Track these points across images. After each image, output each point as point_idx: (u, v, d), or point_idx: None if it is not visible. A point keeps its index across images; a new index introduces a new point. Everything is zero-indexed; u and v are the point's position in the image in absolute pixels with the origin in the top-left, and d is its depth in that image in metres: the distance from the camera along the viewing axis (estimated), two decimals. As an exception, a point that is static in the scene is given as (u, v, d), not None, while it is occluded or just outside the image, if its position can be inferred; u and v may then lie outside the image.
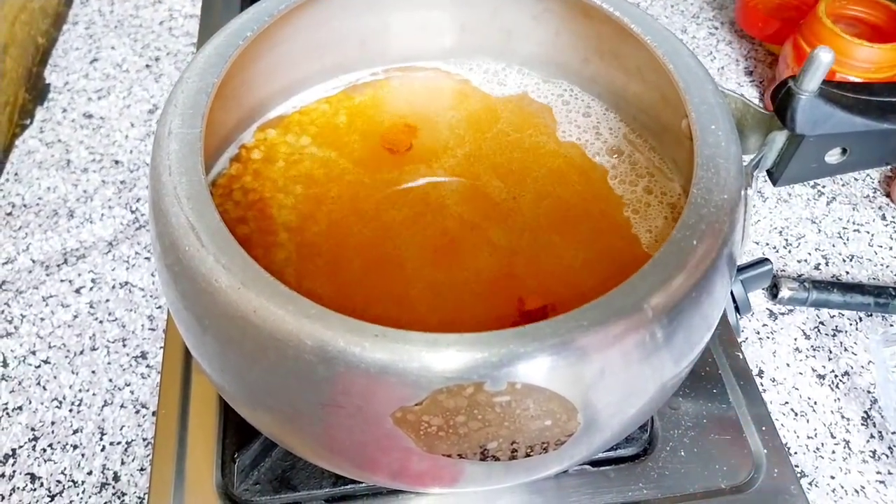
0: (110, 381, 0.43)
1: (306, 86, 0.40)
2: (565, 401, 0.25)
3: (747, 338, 0.47)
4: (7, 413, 0.42)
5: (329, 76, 0.41)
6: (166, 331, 0.42)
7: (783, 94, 0.31)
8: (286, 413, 0.26)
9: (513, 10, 0.39)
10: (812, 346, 0.46)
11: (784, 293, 0.47)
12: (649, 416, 0.37)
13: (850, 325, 0.48)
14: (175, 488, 0.36)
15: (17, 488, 0.39)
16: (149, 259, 0.49)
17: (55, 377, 0.44)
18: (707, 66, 0.63)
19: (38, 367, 0.44)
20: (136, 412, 0.42)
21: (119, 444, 0.41)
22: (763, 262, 0.41)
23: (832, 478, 0.41)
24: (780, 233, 0.52)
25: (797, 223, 0.53)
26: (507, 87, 0.41)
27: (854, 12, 0.57)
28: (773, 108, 0.32)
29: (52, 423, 0.42)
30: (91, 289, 0.48)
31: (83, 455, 0.41)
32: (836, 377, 0.45)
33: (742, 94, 0.33)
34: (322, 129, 0.39)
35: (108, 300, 0.47)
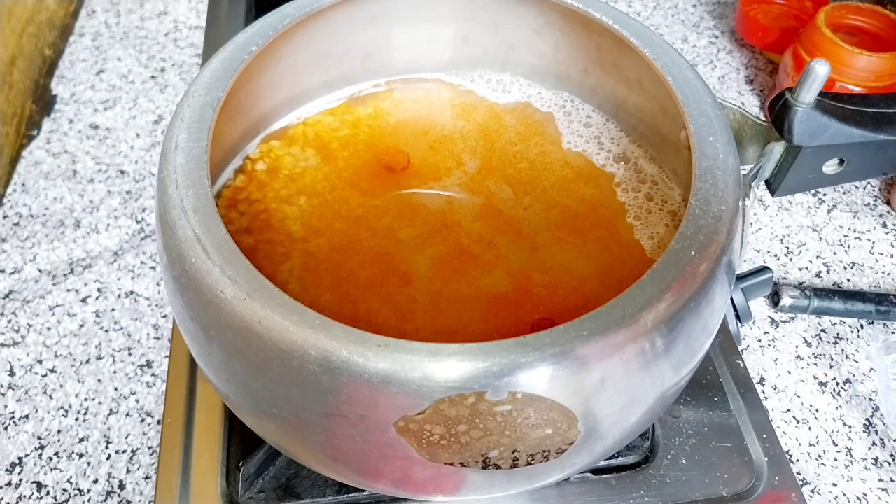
0: (116, 389, 0.44)
1: (310, 98, 0.40)
2: (566, 410, 0.25)
3: (749, 346, 0.47)
4: (14, 422, 0.42)
5: (333, 88, 0.41)
6: (172, 340, 0.42)
7: (780, 106, 0.31)
8: (290, 422, 0.27)
9: (514, 23, 0.40)
10: (813, 354, 0.47)
11: (785, 301, 0.47)
12: (650, 424, 0.37)
13: (852, 332, 0.48)
14: (180, 497, 0.36)
15: (24, 497, 0.40)
16: (154, 269, 0.50)
17: (61, 386, 0.44)
18: (708, 74, 0.63)
19: (45, 375, 0.44)
20: (142, 421, 0.42)
21: (124, 452, 0.41)
22: (764, 269, 0.41)
23: (834, 485, 0.41)
24: (781, 241, 0.53)
25: (798, 231, 0.53)
26: (512, 94, 0.42)
27: (853, 21, 0.58)
28: (771, 119, 0.32)
29: (59, 431, 0.42)
30: (97, 298, 0.48)
31: (89, 463, 0.41)
32: (837, 385, 0.45)
33: (742, 103, 0.34)
34: (326, 140, 0.39)
35: (113, 309, 0.47)
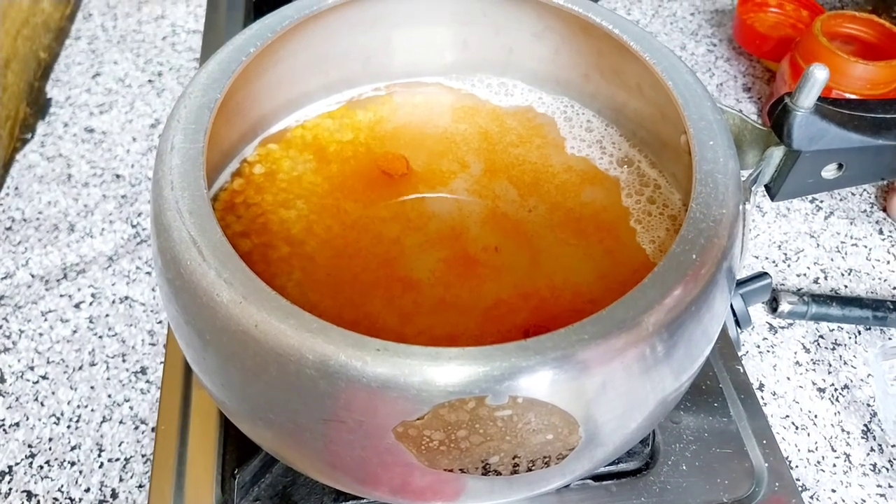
0: (109, 396, 0.43)
1: (309, 101, 0.40)
2: (567, 415, 0.25)
3: (747, 351, 0.47)
4: (4, 429, 0.42)
5: (332, 91, 0.41)
6: (166, 346, 0.42)
7: (780, 111, 0.31)
8: (287, 428, 0.26)
9: (514, 28, 0.40)
10: (812, 360, 0.46)
11: (784, 307, 0.47)
12: (651, 429, 0.37)
13: (849, 338, 0.48)
14: (174, 505, 0.36)
15: (15, 505, 0.39)
16: (149, 274, 0.49)
17: (53, 393, 0.43)
18: (706, 82, 0.64)
19: (37, 382, 0.44)
20: (136, 428, 0.42)
21: (118, 460, 0.41)
22: (762, 275, 0.41)
23: (833, 491, 0.41)
24: (779, 247, 0.53)
25: (796, 237, 0.53)
26: (514, 97, 0.42)
27: (849, 30, 0.58)
28: (770, 125, 0.32)
29: (50, 439, 0.42)
30: (91, 304, 0.48)
31: (81, 472, 0.40)
32: (835, 390, 0.45)
33: (740, 110, 0.34)
34: (325, 144, 0.39)
35: (107, 315, 0.47)
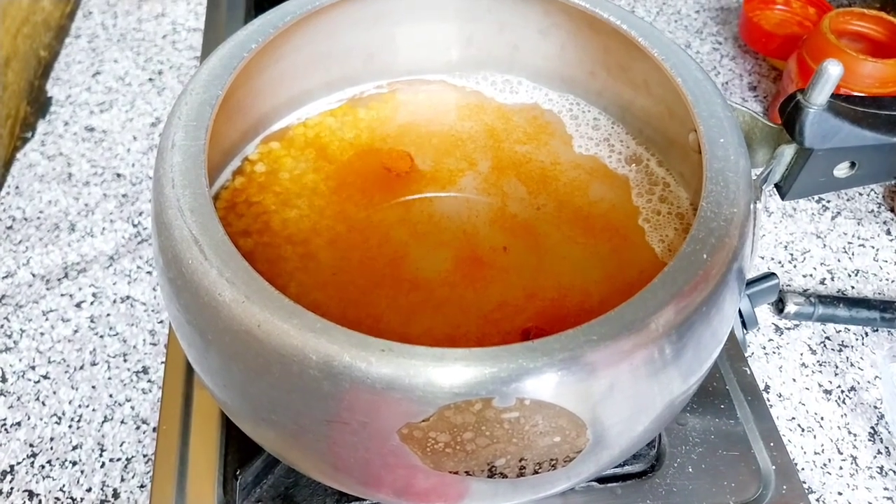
0: (111, 396, 0.43)
1: (311, 98, 0.40)
2: (574, 417, 0.24)
3: (754, 353, 0.46)
4: (5, 429, 0.42)
5: (334, 89, 0.40)
6: (168, 345, 0.41)
7: (791, 108, 0.30)
8: (290, 429, 0.26)
9: (519, 24, 0.39)
10: (818, 362, 0.46)
11: (790, 308, 0.47)
12: (658, 431, 0.37)
13: (856, 339, 0.47)
14: (175, 505, 0.35)
15: (15, 505, 0.39)
16: (150, 273, 0.49)
17: (55, 392, 0.43)
18: (710, 80, 0.63)
19: (38, 382, 0.44)
20: (137, 428, 0.42)
21: (119, 460, 0.40)
22: (769, 276, 0.41)
23: (840, 494, 0.40)
24: (786, 247, 0.52)
25: (802, 238, 0.53)
26: (519, 94, 0.41)
27: (857, 28, 0.57)
28: (781, 122, 0.32)
29: (51, 439, 0.41)
30: (92, 303, 0.47)
31: (82, 472, 0.40)
32: (842, 392, 0.45)
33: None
34: (327, 142, 0.38)
35: (108, 314, 0.47)
